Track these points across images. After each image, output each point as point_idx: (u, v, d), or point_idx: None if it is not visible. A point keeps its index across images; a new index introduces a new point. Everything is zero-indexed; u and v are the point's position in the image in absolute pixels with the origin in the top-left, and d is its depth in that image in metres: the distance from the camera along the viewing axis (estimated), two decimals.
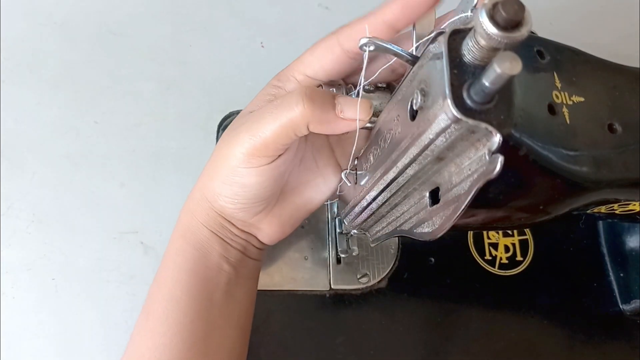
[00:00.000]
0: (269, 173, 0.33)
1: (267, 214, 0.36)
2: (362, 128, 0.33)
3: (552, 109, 0.26)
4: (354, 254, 0.43)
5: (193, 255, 0.35)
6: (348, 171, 0.36)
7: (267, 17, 0.57)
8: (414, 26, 0.30)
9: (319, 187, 0.38)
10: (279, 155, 0.33)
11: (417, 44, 0.29)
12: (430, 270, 0.46)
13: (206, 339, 0.34)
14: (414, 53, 0.29)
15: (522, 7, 0.20)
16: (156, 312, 0.34)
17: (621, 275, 0.47)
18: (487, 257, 0.47)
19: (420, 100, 0.24)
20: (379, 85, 0.34)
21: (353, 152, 0.35)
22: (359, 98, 0.31)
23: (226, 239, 0.36)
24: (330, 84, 0.35)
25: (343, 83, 0.36)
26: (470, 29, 0.22)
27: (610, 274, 0.48)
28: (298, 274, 0.44)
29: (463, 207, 0.24)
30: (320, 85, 0.37)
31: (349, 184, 0.36)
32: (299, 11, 0.57)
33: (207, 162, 0.36)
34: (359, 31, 0.31)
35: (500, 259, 0.47)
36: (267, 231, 0.37)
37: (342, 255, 0.44)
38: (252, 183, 0.33)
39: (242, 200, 0.34)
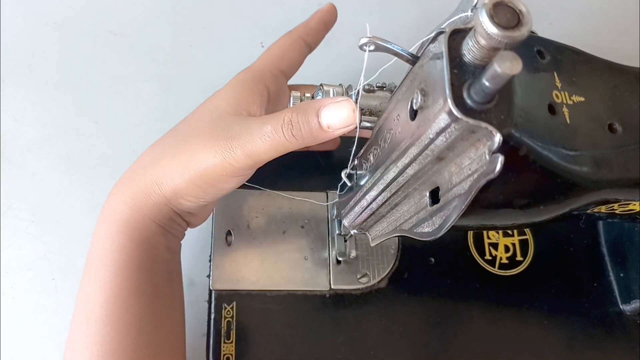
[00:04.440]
0: (247, 178, 0.35)
1: (208, 206, 0.38)
2: (362, 128, 0.33)
3: (552, 108, 0.26)
4: (351, 256, 0.43)
5: (138, 251, 0.33)
6: (348, 171, 0.36)
7: (267, 17, 0.57)
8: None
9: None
10: None
11: (417, 43, 0.29)
12: (430, 270, 0.46)
13: (155, 332, 0.33)
14: (414, 53, 0.29)
15: (522, 7, 0.20)
16: (97, 316, 0.32)
17: (621, 275, 0.47)
18: (487, 257, 0.47)
19: (421, 100, 0.24)
20: (379, 85, 0.34)
21: (353, 151, 0.35)
22: (339, 104, 0.31)
23: (171, 230, 0.36)
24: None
25: (342, 85, 0.37)
26: (470, 29, 0.22)
27: (610, 274, 0.48)
28: (298, 274, 0.44)
29: (463, 207, 0.24)
30: (320, 85, 0.37)
31: (349, 184, 0.36)
32: (299, 11, 0.57)
33: (164, 154, 0.34)
34: (314, 27, 0.40)
35: (500, 259, 0.47)
36: (201, 218, 0.39)
37: (340, 259, 0.44)
38: (228, 188, 0.34)
39: (209, 199, 0.35)
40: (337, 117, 0.30)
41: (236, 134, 0.32)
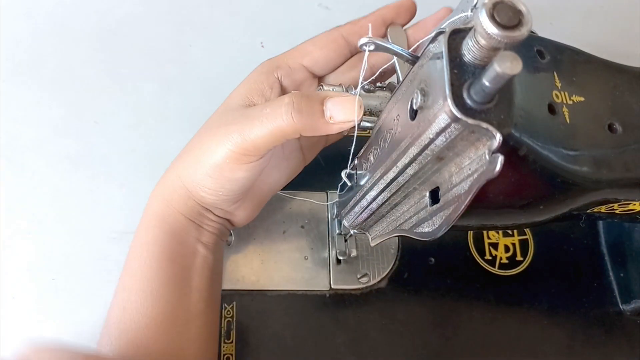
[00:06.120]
0: (257, 168, 0.34)
1: (243, 201, 0.37)
2: (361, 128, 0.33)
3: (552, 108, 0.26)
4: (352, 255, 0.43)
5: (170, 244, 0.34)
6: (348, 171, 0.36)
7: (267, 17, 0.57)
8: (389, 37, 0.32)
9: (283, 169, 0.39)
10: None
11: (417, 43, 0.29)
12: (430, 270, 0.46)
13: (187, 325, 0.34)
14: (414, 53, 0.29)
15: (522, 7, 0.20)
16: (133, 304, 0.33)
17: (621, 275, 0.47)
18: (487, 257, 0.47)
19: (420, 100, 0.24)
20: (379, 85, 0.34)
21: (352, 151, 0.35)
22: (346, 98, 0.31)
23: (202, 224, 0.36)
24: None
25: (342, 85, 0.37)
26: (470, 29, 0.22)
27: (610, 274, 0.48)
28: (298, 274, 0.44)
29: (463, 207, 0.24)
30: (320, 85, 0.37)
31: (349, 184, 0.36)
32: (299, 11, 0.57)
33: (185, 150, 0.36)
34: (363, 27, 0.35)
35: (500, 259, 0.47)
36: (242, 216, 0.38)
37: (341, 258, 0.44)
38: (239, 178, 0.34)
39: (226, 193, 0.34)
40: (341, 110, 0.30)
41: (235, 120, 0.32)
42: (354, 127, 0.32)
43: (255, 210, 0.40)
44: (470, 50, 0.22)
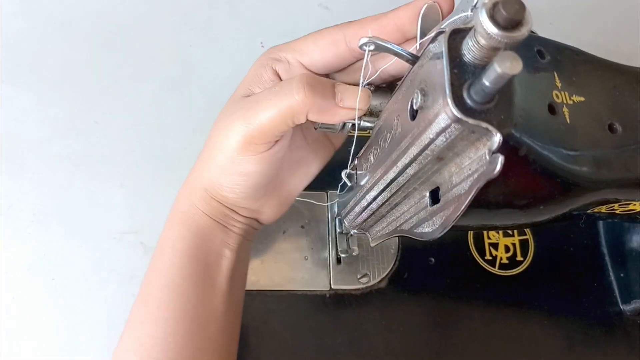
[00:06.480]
0: (268, 160, 0.33)
1: (268, 198, 0.36)
2: (361, 128, 0.33)
3: (552, 108, 0.26)
4: (354, 253, 0.43)
5: (194, 242, 0.34)
6: (348, 171, 0.36)
7: (267, 17, 0.57)
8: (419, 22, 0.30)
9: (310, 162, 0.38)
10: (276, 142, 0.32)
11: (417, 43, 0.29)
12: (430, 270, 0.46)
13: (209, 325, 0.34)
14: (414, 53, 0.29)
15: (522, 7, 0.20)
16: (155, 298, 0.33)
17: (621, 275, 0.47)
18: (487, 257, 0.47)
19: (421, 100, 0.24)
20: (379, 85, 0.34)
21: (352, 151, 0.35)
22: (360, 87, 0.31)
23: (229, 226, 0.36)
24: None
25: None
26: (470, 29, 0.22)
27: (610, 274, 0.48)
28: (298, 274, 0.44)
29: (463, 207, 0.24)
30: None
31: (349, 184, 0.36)
32: (299, 11, 0.57)
33: (202, 150, 0.35)
34: (369, 31, 0.31)
35: (501, 259, 0.47)
36: (269, 213, 0.37)
37: (342, 255, 0.44)
38: (251, 171, 0.33)
39: (243, 190, 0.34)
40: (351, 95, 0.30)
41: (238, 109, 0.32)
42: (354, 126, 0.32)
43: (282, 206, 0.38)
44: (470, 50, 0.22)
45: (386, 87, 0.34)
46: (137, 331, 0.33)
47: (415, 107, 0.25)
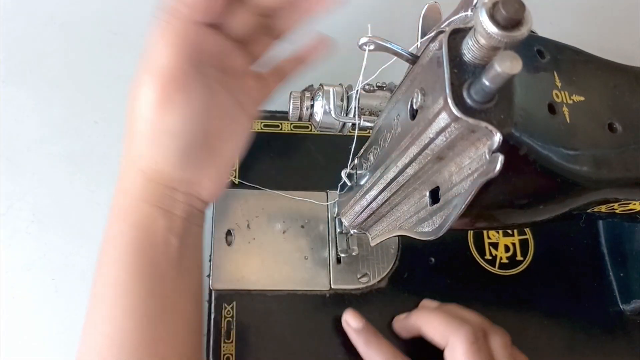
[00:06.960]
0: (189, 110, 0.32)
1: (204, 166, 0.35)
2: (361, 128, 0.33)
3: (552, 108, 0.26)
4: (353, 253, 0.43)
5: (136, 235, 0.33)
6: (348, 171, 0.36)
7: None
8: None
9: (237, 115, 0.36)
10: (190, 89, 0.32)
11: (417, 43, 0.29)
12: (430, 270, 0.46)
13: (162, 316, 0.33)
14: (414, 53, 0.29)
15: (522, 6, 0.20)
16: (105, 298, 0.33)
17: (621, 275, 0.47)
18: (487, 257, 0.47)
19: (421, 99, 0.24)
20: (379, 85, 0.34)
21: (352, 151, 0.35)
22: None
23: (169, 208, 0.35)
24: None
25: (342, 85, 0.37)
26: (470, 28, 0.22)
27: (610, 274, 0.48)
28: (298, 273, 0.44)
29: (463, 206, 0.24)
30: (320, 85, 0.37)
31: (349, 184, 0.36)
32: None
33: (124, 134, 0.34)
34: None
35: (501, 258, 0.47)
36: (208, 185, 0.36)
37: (342, 255, 0.44)
38: (176, 129, 0.32)
39: (174, 153, 0.33)
40: None
41: (140, 71, 0.32)
42: (354, 126, 0.32)
43: (221, 178, 0.37)
44: (470, 49, 0.22)
45: (386, 87, 0.34)
46: (93, 332, 0.33)
47: (415, 107, 0.25)
